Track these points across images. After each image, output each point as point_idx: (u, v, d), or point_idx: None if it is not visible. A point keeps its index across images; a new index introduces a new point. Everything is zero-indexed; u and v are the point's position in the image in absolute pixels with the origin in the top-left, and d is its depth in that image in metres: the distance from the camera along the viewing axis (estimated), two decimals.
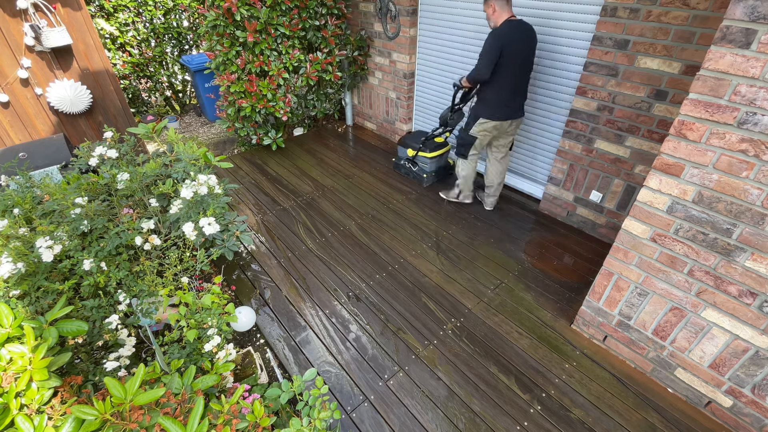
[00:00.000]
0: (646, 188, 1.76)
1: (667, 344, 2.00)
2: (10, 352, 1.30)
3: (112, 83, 3.67)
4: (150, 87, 5.52)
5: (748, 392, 1.79)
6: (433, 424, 1.96)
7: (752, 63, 1.34)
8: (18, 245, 1.74)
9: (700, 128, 1.52)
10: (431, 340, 2.37)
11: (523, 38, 2.71)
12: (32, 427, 1.13)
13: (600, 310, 2.22)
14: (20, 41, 3.11)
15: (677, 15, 2.24)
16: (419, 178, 3.91)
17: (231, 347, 1.79)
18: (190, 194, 1.97)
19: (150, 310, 1.85)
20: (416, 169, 3.88)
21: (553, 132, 3.29)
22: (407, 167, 3.97)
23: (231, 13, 3.67)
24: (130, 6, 4.88)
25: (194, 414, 1.17)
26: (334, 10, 4.23)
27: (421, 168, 3.85)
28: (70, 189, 2.20)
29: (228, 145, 4.85)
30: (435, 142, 3.75)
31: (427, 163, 3.79)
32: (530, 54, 2.80)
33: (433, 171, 3.87)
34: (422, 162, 3.82)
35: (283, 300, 2.67)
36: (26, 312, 1.55)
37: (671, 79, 2.38)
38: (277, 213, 3.54)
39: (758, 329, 1.65)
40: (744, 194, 1.50)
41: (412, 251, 3.06)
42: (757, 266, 1.56)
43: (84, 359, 1.68)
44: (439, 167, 3.94)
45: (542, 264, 2.92)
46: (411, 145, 3.82)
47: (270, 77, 3.98)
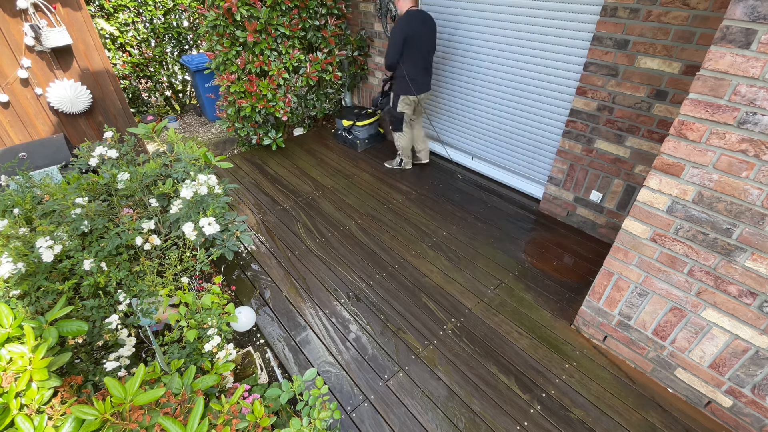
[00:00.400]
0: (646, 188, 1.76)
1: (667, 344, 2.00)
2: (10, 352, 1.30)
3: (112, 83, 3.67)
4: (150, 87, 5.52)
5: (748, 392, 1.79)
6: (433, 424, 1.96)
7: (752, 63, 1.34)
8: (18, 245, 1.74)
9: (700, 128, 1.52)
10: (431, 340, 2.37)
11: (423, 25, 3.28)
12: (32, 427, 1.13)
13: (600, 310, 2.22)
14: (20, 41, 3.11)
15: (677, 15, 2.24)
16: (354, 145, 4.54)
17: (231, 347, 1.79)
18: (190, 194, 1.97)
19: (150, 310, 1.85)
20: (351, 137, 4.52)
21: (553, 132, 3.29)
22: (344, 136, 4.59)
23: (231, 13, 3.67)
24: (130, 6, 4.88)
25: (194, 414, 1.17)
26: (334, 10, 4.23)
27: (355, 136, 4.49)
28: (70, 189, 2.20)
29: (228, 145, 4.85)
30: (366, 114, 4.45)
31: (360, 131, 4.46)
32: (432, 38, 3.40)
33: (366, 138, 4.55)
34: (356, 131, 4.47)
35: (283, 300, 2.67)
36: (26, 312, 1.55)
37: (671, 79, 2.38)
38: (277, 213, 3.54)
39: (758, 329, 1.65)
40: (744, 194, 1.50)
41: (412, 251, 3.06)
42: (757, 266, 1.56)
43: (84, 359, 1.68)
44: (371, 135, 4.59)
45: (542, 264, 2.92)
46: (347, 117, 4.47)
47: (270, 77, 3.98)
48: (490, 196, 3.72)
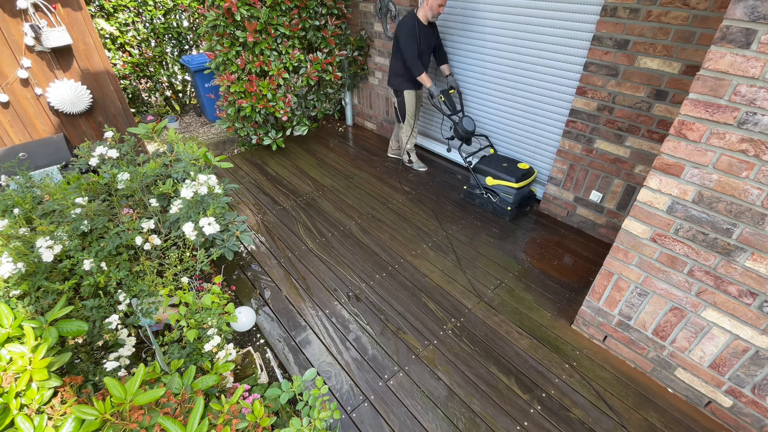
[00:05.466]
0: (646, 188, 1.76)
1: (667, 344, 2.00)
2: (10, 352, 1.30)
3: (112, 83, 3.67)
4: (150, 87, 5.52)
5: (748, 392, 1.79)
6: (433, 424, 1.96)
7: (752, 63, 1.34)
8: (18, 245, 1.74)
9: (700, 128, 1.52)
10: (431, 340, 2.37)
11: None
12: (32, 427, 1.13)
13: (600, 310, 2.22)
14: (20, 41, 3.11)
15: (677, 15, 2.24)
16: (500, 212, 3.41)
17: (231, 347, 1.79)
18: (190, 194, 1.97)
19: (150, 310, 1.85)
20: (497, 201, 3.39)
21: (553, 132, 3.29)
22: (482, 196, 3.49)
23: (231, 13, 3.67)
24: (130, 6, 4.88)
25: (194, 414, 1.17)
26: (334, 10, 4.23)
27: (503, 200, 3.36)
28: (70, 189, 2.20)
29: (228, 145, 4.85)
30: (519, 168, 3.32)
31: (512, 193, 3.29)
32: None
33: (518, 203, 3.38)
34: (506, 192, 3.33)
35: (283, 300, 2.67)
36: (26, 312, 1.55)
37: (671, 79, 2.38)
38: (277, 213, 3.54)
39: (758, 329, 1.65)
40: (744, 194, 1.50)
41: (412, 251, 3.06)
42: (757, 266, 1.56)
43: (84, 359, 1.68)
44: (523, 198, 3.43)
45: (542, 264, 2.92)
46: (489, 171, 3.38)
47: (270, 77, 3.98)
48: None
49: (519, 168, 3.31)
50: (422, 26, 3.31)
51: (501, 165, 3.37)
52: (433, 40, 3.47)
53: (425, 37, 3.36)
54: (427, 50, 3.47)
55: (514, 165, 3.36)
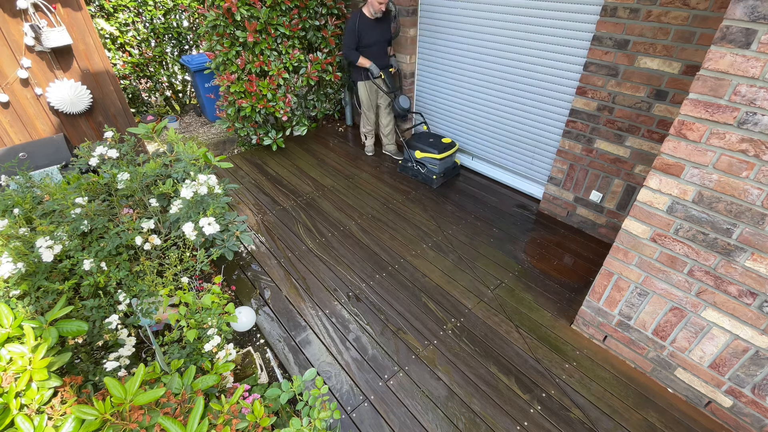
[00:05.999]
0: (646, 188, 1.76)
1: (667, 344, 2.00)
2: (10, 352, 1.30)
3: (112, 83, 3.67)
4: (150, 87, 5.52)
5: (748, 392, 1.79)
6: (433, 424, 1.96)
7: (752, 63, 1.34)
8: (18, 245, 1.74)
9: (700, 128, 1.52)
10: (431, 340, 2.37)
11: None
12: (32, 427, 1.13)
13: (600, 310, 2.22)
14: (20, 41, 3.11)
15: (677, 15, 2.24)
16: (429, 180, 3.90)
17: (231, 347, 1.79)
18: (190, 194, 1.97)
19: (150, 310, 1.85)
20: (425, 171, 3.89)
21: (553, 132, 3.29)
22: (414, 168, 3.99)
23: (231, 13, 3.67)
24: (130, 6, 4.88)
25: (194, 414, 1.17)
26: (334, 10, 4.23)
27: (430, 170, 3.86)
28: (70, 189, 2.20)
29: (228, 145, 4.85)
30: (443, 142, 3.82)
31: (437, 164, 3.80)
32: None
33: (443, 172, 3.90)
34: (432, 164, 3.82)
35: (283, 300, 2.67)
36: (26, 312, 1.55)
37: (671, 79, 2.38)
38: (277, 213, 3.54)
39: (758, 329, 1.65)
40: (744, 194, 1.50)
41: (412, 251, 3.06)
42: (757, 266, 1.56)
43: (84, 359, 1.68)
44: (447, 168, 3.95)
45: (542, 264, 2.92)
46: (418, 146, 3.86)
47: (270, 77, 3.98)
48: (490, 196, 3.72)
49: (442, 142, 3.83)
50: (367, 21, 3.62)
51: (428, 140, 3.88)
52: (384, 33, 3.77)
53: (371, 30, 3.67)
54: (378, 43, 3.76)
55: (439, 139, 3.87)
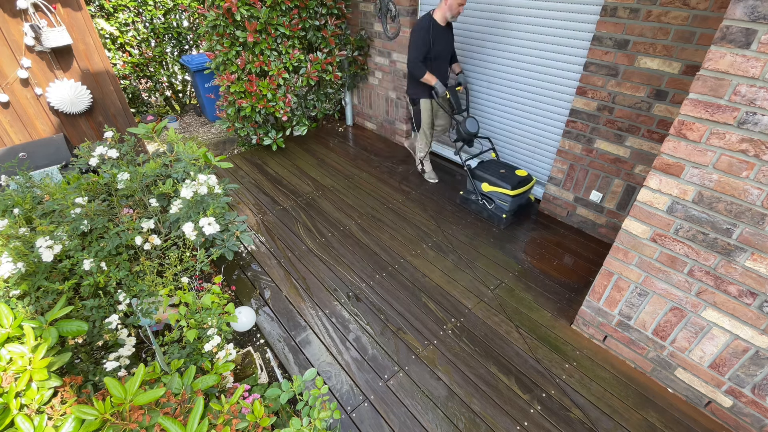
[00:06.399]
0: (646, 188, 1.76)
1: (667, 344, 2.00)
2: (10, 352, 1.30)
3: (112, 83, 3.67)
4: (150, 87, 5.52)
5: (748, 392, 1.79)
6: (433, 424, 1.96)
7: (752, 63, 1.34)
8: (18, 245, 1.74)
9: (700, 128, 1.52)
10: (431, 340, 2.37)
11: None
12: (32, 427, 1.13)
13: (600, 310, 2.22)
14: (20, 41, 3.11)
15: (677, 15, 2.24)
16: (495, 218, 3.31)
17: (231, 347, 1.79)
18: (190, 194, 1.97)
19: (150, 310, 1.85)
20: (492, 207, 3.30)
21: (553, 132, 3.29)
22: (478, 203, 3.40)
23: (231, 13, 3.67)
24: (130, 6, 4.88)
25: (194, 414, 1.17)
26: (334, 10, 4.23)
27: (499, 207, 3.26)
28: (70, 189, 2.20)
29: (228, 145, 4.85)
30: (517, 175, 3.20)
31: (508, 201, 3.17)
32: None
33: (514, 210, 3.30)
34: (502, 200, 3.20)
35: (283, 300, 2.67)
36: (26, 312, 1.55)
37: (671, 79, 2.38)
38: (277, 213, 3.54)
39: (758, 329, 1.65)
40: (744, 194, 1.50)
41: (412, 251, 3.06)
42: (757, 266, 1.56)
43: (84, 359, 1.68)
44: (520, 206, 3.36)
45: (542, 264, 2.92)
46: (486, 177, 3.25)
47: (270, 77, 3.98)
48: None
49: (516, 175, 3.20)
50: (438, 28, 3.12)
51: (498, 171, 3.24)
52: (450, 43, 3.29)
53: (441, 39, 3.15)
54: (444, 53, 3.26)
55: (512, 171, 3.23)
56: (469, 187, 3.43)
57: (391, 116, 4.73)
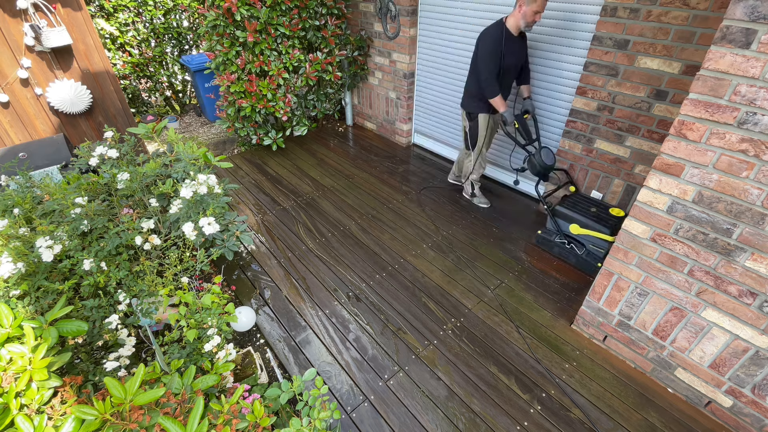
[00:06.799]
0: (646, 188, 1.76)
1: (667, 344, 2.00)
2: (10, 352, 1.30)
3: (112, 83, 3.67)
4: (150, 87, 5.52)
5: (748, 392, 1.79)
6: (433, 424, 1.96)
7: (752, 63, 1.34)
8: (18, 245, 1.74)
9: (700, 128, 1.52)
10: (431, 340, 2.37)
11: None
12: (32, 427, 1.13)
13: (600, 310, 2.22)
14: (20, 41, 3.11)
15: (677, 15, 2.24)
16: (585, 265, 2.81)
17: (231, 347, 1.79)
18: (190, 194, 1.97)
19: (150, 310, 1.85)
20: (583, 251, 2.79)
21: (553, 132, 3.29)
22: (563, 246, 2.90)
23: (231, 13, 3.67)
24: (130, 6, 4.88)
25: (194, 414, 1.17)
26: (334, 10, 4.23)
27: (590, 252, 2.77)
28: (70, 189, 2.20)
29: (228, 145, 4.85)
30: (613, 215, 2.72)
31: (602, 245, 2.71)
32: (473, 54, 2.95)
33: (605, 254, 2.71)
34: (595, 244, 2.74)
35: (283, 300, 2.67)
36: (26, 312, 1.55)
37: (671, 79, 2.39)
38: (277, 213, 3.54)
39: (758, 329, 1.65)
40: (744, 194, 1.50)
41: (412, 251, 3.06)
42: (757, 266, 1.56)
43: (84, 359, 1.68)
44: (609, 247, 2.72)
45: (542, 264, 2.92)
46: (573, 217, 2.78)
47: (270, 77, 3.98)
48: (490, 196, 3.72)
49: (612, 215, 2.70)
50: (511, 38, 2.72)
51: (590, 210, 2.78)
52: (522, 56, 2.89)
53: (513, 51, 2.77)
54: (514, 68, 2.88)
55: (606, 210, 2.75)
56: (550, 226, 2.97)
57: (391, 116, 4.73)
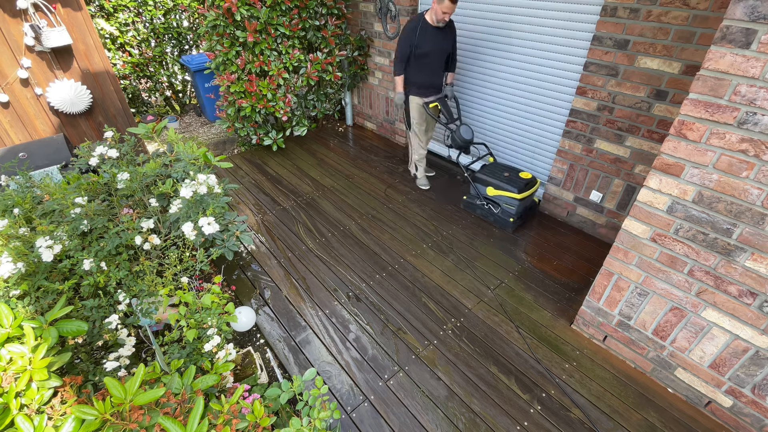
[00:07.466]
0: (646, 188, 1.76)
1: (667, 344, 2.00)
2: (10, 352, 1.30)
3: (112, 83, 3.67)
4: (150, 87, 5.52)
5: (748, 392, 1.79)
6: (433, 424, 1.96)
7: (752, 63, 1.34)
8: (18, 245, 1.74)
9: (700, 128, 1.52)
10: (431, 340, 2.37)
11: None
12: (32, 427, 1.13)
13: (600, 310, 2.22)
14: (20, 41, 3.11)
15: (677, 15, 2.24)
16: (502, 223, 3.29)
17: (231, 347, 1.79)
18: (190, 194, 1.97)
19: (150, 310, 1.85)
20: (498, 212, 3.27)
21: (553, 132, 3.29)
22: (483, 207, 3.38)
23: (231, 13, 3.67)
24: (130, 6, 4.88)
25: (194, 414, 1.17)
26: (334, 10, 4.23)
27: (506, 211, 3.25)
28: (70, 189, 2.20)
29: (228, 145, 4.85)
30: (521, 177, 3.19)
31: (515, 204, 3.16)
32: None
33: (521, 213, 3.25)
34: (509, 204, 3.20)
35: (283, 300, 2.67)
36: (26, 312, 1.55)
37: (671, 79, 2.38)
38: (277, 213, 3.54)
39: (758, 329, 1.65)
40: (744, 194, 1.50)
41: (412, 251, 3.06)
42: (757, 266, 1.56)
43: (84, 359, 1.68)
44: (526, 208, 3.32)
45: (542, 264, 2.92)
46: (490, 181, 3.24)
47: (270, 77, 3.98)
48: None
49: (521, 177, 3.17)
50: (427, 29, 3.11)
51: (503, 174, 3.24)
52: (444, 45, 3.21)
53: (428, 40, 3.14)
54: (433, 55, 3.21)
55: (517, 174, 3.21)
56: (472, 191, 3.43)
57: (391, 116, 4.73)
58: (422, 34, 3.13)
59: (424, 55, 3.20)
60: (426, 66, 3.26)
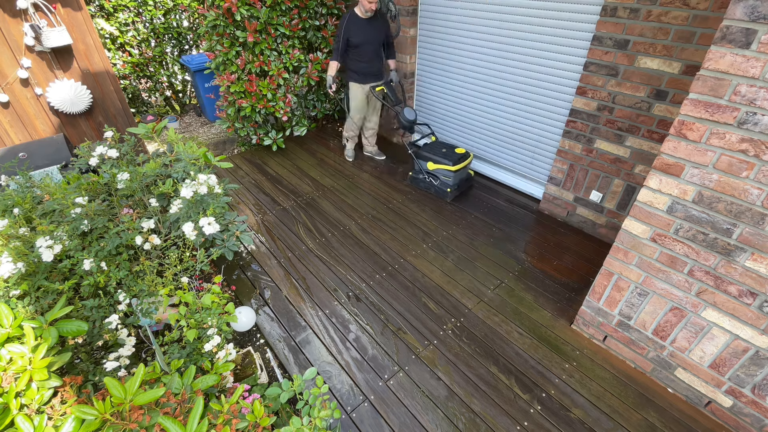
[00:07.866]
0: (646, 188, 1.76)
1: (667, 344, 2.00)
2: (10, 352, 1.30)
3: (112, 83, 3.67)
4: (150, 87, 5.52)
5: (748, 392, 1.79)
6: (433, 424, 1.96)
7: (752, 63, 1.34)
8: (18, 245, 1.74)
9: (700, 128, 1.52)
10: (431, 340, 2.37)
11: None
12: (32, 427, 1.13)
13: (600, 310, 2.22)
14: (20, 41, 3.11)
15: (677, 15, 2.24)
16: (442, 193, 3.68)
17: (231, 347, 1.79)
18: (190, 194, 1.97)
19: (150, 310, 1.85)
20: (438, 184, 3.67)
21: (553, 132, 3.29)
22: (426, 181, 3.76)
23: (231, 13, 3.67)
24: (130, 6, 4.88)
25: (194, 414, 1.17)
26: (334, 10, 4.23)
27: (444, 182, 3.63)
28: (70, 189, 2.20)
29: (228, 145, 4.85)
30: (456, 152, 3.60)
31: (450, 176, 3.56)
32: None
33: (457, 184, 3.66)
34: (445, 176, 3.59)
35: (283, 300, 2.67)
36: (26, 312, 1.55)
37: (671, 79, 2.38)
38: (277, 213, 3.54)
39: (758, 329, 1.65)
40: (744, 194, 1.50)
41: (412, 251, 3.06)
42: (757, 266, 1.56)
43: (84, 359, 1.68)
44: (462, 180, 3.72)
45: (542, 264, 2.92)
46: (430, 157, 3.63)
47: (270, 77, 3.98)
48: (489, 196, 3.72)
49: (456, 152, 3.59)
50: (356, 21, 3.51)
51: (440, 150, 3.63)
52: (376, 35, 3.63)
53: (361, 31, 3.54)
54: (368, 43, 3.61)
55: (452, 150, 3.63)
56: (416, 167, 3.81)
57: (390, 116, 4.72)
58: (353, 27, 3.52)
59: (358, 45, 3.60)
60: (362, 55, 3.66)
